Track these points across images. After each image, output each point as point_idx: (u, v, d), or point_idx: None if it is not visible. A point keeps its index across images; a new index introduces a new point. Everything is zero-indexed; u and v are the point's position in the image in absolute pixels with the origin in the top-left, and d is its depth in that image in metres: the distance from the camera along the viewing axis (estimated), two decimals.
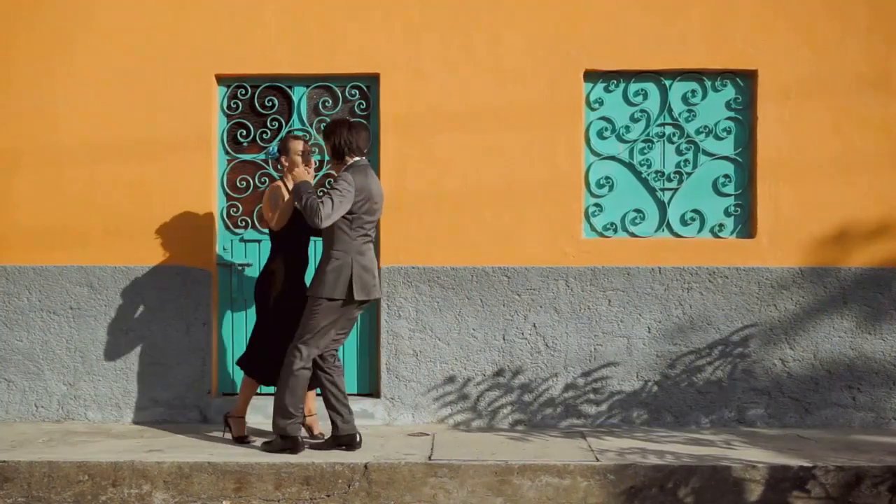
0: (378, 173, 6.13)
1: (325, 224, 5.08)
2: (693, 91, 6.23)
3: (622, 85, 6.25)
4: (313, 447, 5.34)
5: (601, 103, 6.25)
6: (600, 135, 6.24)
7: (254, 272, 6.27)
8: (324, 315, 5.23)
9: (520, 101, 6.13)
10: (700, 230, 6.24)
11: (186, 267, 6.18)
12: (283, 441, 5.23)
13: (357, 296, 5.20)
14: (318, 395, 5.57)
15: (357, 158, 5.31)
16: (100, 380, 6.19)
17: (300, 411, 5.31)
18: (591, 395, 6.12)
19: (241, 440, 5.53)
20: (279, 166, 5.67)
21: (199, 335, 6.17)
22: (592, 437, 5.75)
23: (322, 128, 5.69)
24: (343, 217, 5.17)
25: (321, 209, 5.01)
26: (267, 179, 6.30)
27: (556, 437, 5.77)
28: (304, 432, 5.52)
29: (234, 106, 6.31)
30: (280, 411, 5.26)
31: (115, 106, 6.18)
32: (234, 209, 6.31)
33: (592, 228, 6.25)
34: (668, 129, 6.25)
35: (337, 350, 5.43)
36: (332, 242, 5.25)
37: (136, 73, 6.18)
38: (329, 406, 5.33)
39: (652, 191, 6.25)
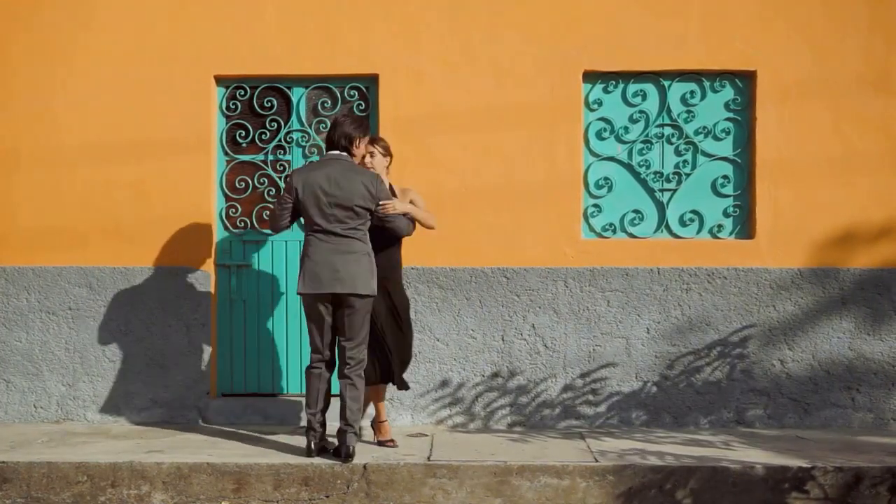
0: None
1: (277, 230, 5.43)
2: (692, 92, 6.23)
3: (621, 86, 6.25)
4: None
5: (600, 104, 6.25)
6: (599, 135, 6.24)
7: (253, 273, 6.28)
8: (305, 310, 5.32)
9: (519, 101, 6.13)
10: (699, 231, 6.24)
11: (185, 268, 6.18)
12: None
13: (301, 288, 5.18)
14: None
15: (332, 152, 5.29)
16: (99, 380, 6.20)
17: (312, 410, 5.26)
18: (590, 396, 6.12)
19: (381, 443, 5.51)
20: None
21: (199, 336, 6.17)
22: (591, 437, 5.75)
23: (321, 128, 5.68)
24: (304, 215, 5.26)
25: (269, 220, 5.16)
26: (266, 180, 6.31)
27: (554, 437, 5.77)
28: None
29: (233, 107, 6.31)
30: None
31: (115, 106, 6.19)
32: (234, 210, 6.31)
33: (591, 229, 6.25)
34: (667, 130, 6.25)
35: (351, 354, 5.20)
36: None
37: (136, 73, 6.18)
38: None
39: (651, 191, 6.25)
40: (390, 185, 5.55)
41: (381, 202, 5.23)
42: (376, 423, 5.58)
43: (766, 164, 6.12)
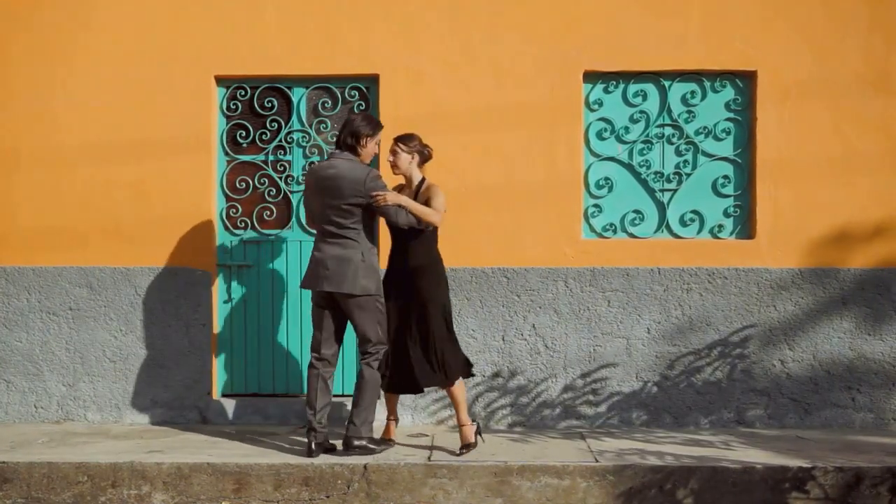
0: None
1: (309, 225, 5.73)
2: (692, 92, 6.23)
3: (621, 86, 6.25)
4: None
5: (600, 104, 6.25)
6: (600, 136, 6.24)
7: (253, 273, 6.28)
8: None
9: (519, 101, 6.13)
10: (699, 231, 6.24)
11: (186, 268, 6.18)
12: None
13: (300, 283, 5.52)
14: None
15: (335, 151, 5.36)
16: (99, 381, 6.20)
17: (311, 410, 5.28)
18: (591, 396, 6.13)
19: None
20: None
21: (199, 336, 6.18)
22: (592, 437, 5.75)
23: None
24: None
25: None
26: (266, 181, 6.30)
27: (555, 437, 5.77)
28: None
29: (234, 107, 6.31)
30: None
31: (115, 106, 6.19)
32: (234, 210, 6.31)
33: (592, 229, 6.25)
34: (668, 130, 6.25)
35: (363, 349, 5.29)
36: None
37: (136, 73, 6.18)
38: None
39: (651, 192, 6.25)
40: (421, 182, 5.44)
41: (372, 193, 5.20)
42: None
43: (766, 164, 6.12)
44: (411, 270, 5.38)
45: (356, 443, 5.20)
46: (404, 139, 5.48)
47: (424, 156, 5.51)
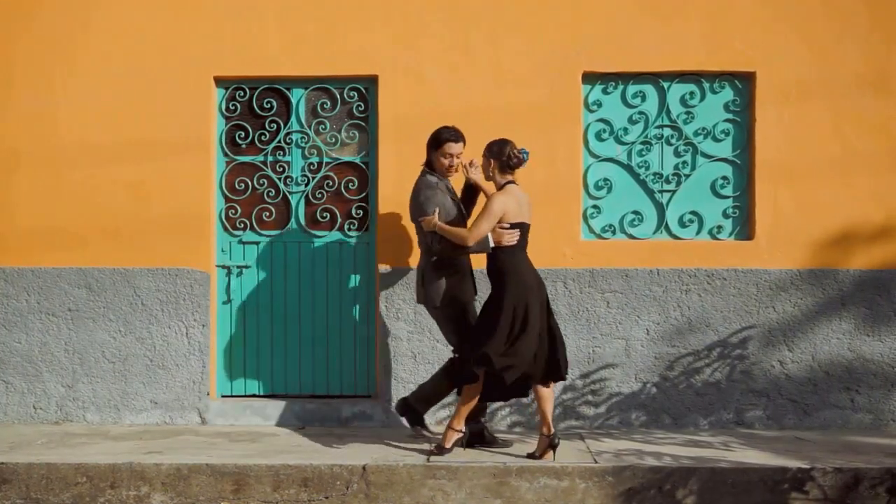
0: (376, 175, 6.15)
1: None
2: (691, 93, 6.23)
3: (620, 87, 6.24)
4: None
5: (599, 105, 6.25)
6: (599, 137, 6.24)
7: (252, 274, 6.28)
8: None
9: (518, 102, 6.13)
10: (698, 232, 6.24)
11: (185, 269, 6.18)
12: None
13: None
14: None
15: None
16: (98, 381, 6.20)
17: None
18: (590, 397, 6.12)
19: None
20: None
21: (198, 337, 6.18)
22: (591, 438, 5.75)
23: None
24: None
25: None
26: (265, 181, 6.30)
27: None
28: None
29: (233, 108, 6.31)
30: None
31: (115, 107, 6.19)
32: (233, 211, 6.31)
33: (591, 230, 6.25)
34: (667, 131, 6.25)
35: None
36: None
37: (136, 74, 6.18)
38: None
39: (650, 193, 6.24)
40: (508, 186, 5.29)
41: (420, 217, 5.32)
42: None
43: (765, 164, 6.12)
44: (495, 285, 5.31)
45: (410, 416, 5.61)
46: (488, 145, 5.33)
47: (504, 162, 5.26)
